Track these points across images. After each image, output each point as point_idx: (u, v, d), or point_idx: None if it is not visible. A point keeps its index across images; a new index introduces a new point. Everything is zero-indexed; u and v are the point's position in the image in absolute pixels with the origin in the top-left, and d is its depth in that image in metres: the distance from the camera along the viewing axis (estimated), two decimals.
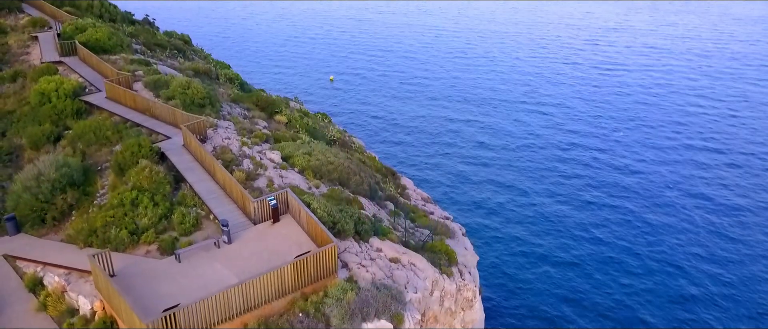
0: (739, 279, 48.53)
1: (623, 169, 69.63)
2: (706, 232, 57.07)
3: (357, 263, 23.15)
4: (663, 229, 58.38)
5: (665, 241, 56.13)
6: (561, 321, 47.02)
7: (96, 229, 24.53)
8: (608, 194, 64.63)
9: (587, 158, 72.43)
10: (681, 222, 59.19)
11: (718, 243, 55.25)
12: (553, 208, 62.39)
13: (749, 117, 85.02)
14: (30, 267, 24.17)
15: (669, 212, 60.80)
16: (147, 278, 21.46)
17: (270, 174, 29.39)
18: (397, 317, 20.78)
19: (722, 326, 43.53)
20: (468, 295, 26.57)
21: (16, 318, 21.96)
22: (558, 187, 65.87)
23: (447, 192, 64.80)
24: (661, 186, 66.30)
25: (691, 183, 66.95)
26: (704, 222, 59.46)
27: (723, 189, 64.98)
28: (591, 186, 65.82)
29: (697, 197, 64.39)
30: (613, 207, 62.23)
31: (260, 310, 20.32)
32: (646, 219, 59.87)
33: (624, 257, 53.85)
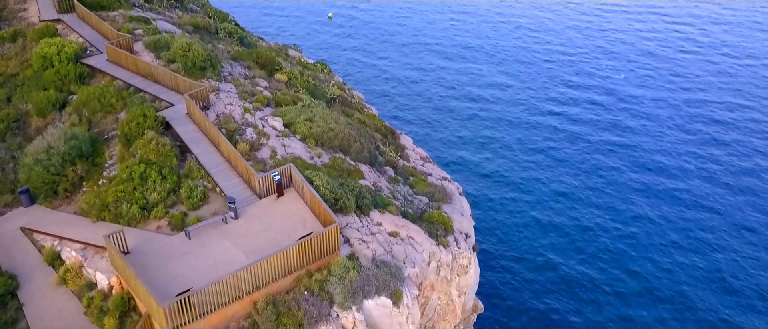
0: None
1: (619, 125, 70.04)
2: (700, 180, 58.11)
3: (358, 239, 24.36)
4: (666, 191, 59.52)
5: (666, 199, 57.41)
6: (549, 266, 49.03)
7: (108, 204, 25.57)
8: (607, 151, 65.33)
9: (587, 114, 72.57)
10: (677, 177, 60.31)
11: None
12: (548, 155, 63.36)
13: None
14: (47, 240, 25.41)
15: (669, 164, 61.85)
16: (160, 257, 22.69)
17: (273, 143, 30.15)
18: (396, 294, 22.18)
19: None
20: (463, 262, 27.98)
21: (37, 293, 23.39)
22: (556, 137, 66.57)
23: (446, 146, 65.58)
24: (658, 150, 66.93)
25: (691, 139, 67.53)
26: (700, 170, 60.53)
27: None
28: (591, 140, 66.48)
29: (695, 156, 65.10)
30: (612, 168, 63.04)
31: (268, 289, 21.67)
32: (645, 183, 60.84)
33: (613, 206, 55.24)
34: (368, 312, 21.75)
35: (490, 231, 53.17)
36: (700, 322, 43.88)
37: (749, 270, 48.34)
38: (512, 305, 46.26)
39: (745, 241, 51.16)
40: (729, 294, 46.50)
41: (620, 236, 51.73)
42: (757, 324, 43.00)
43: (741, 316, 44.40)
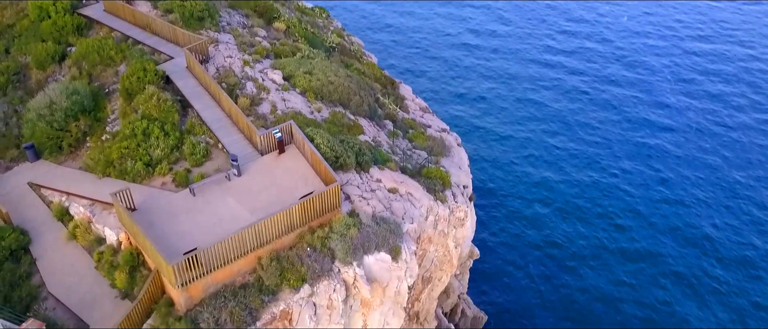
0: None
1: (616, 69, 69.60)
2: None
3: (358, 195, 25.02)
4: (662, 145, 59.72)
5: (661, 154, 57.83)
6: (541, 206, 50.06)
7: (112, 161, 26.08)
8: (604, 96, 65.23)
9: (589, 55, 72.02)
10: (673, 129, 60.51)
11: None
12: (544, 102, 63.46)
13: None
14: (55, 196, 26.05)
15: (666, 117, 61.98)
16: (165, 214, 23.37)
17: (273, 98, 30.37)
18: (395, 249, 23.04)
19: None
20: (460, 215, 28.80)
21: (49, 248, 24.23)
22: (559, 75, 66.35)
23: (444, 88, 65.42)
24: (661, 89, 66.72)
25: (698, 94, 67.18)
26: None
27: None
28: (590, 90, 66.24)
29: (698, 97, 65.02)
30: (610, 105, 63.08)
31: (271, 245, 22.48)
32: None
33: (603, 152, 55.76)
34: (368, 267, 22.67)
35: (486, 179, 54.01)
36: (673, 275, 45.41)
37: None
38: (506, 251, 47.64)
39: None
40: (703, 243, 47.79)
41: (612, 190, 52.59)
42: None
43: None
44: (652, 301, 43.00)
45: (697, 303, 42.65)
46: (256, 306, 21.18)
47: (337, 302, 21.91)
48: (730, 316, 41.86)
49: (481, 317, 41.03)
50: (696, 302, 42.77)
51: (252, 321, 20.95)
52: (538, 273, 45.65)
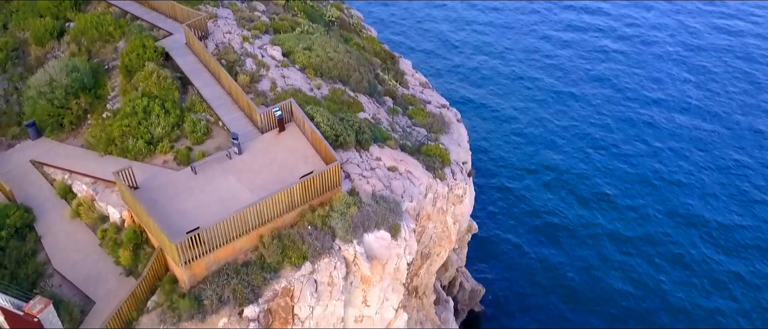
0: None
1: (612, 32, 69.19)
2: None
3: (358, 174, 25.27)
4: (660, 113, 59.75)
5: (662, 122, 57.84)
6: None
7: (114, 139, 26.24)
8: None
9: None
10: (671, 96, 60.42)
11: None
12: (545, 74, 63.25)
13: None
14: (58, 173, 26.29)
15: (664, 85, 61.81)
16: (168, 192, 23.65)
17: (272, 74, 30.38)
18: (395, 227, 23.40)
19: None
20: (459, 192, 29.09)
21: (53, 225, 24.56)
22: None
23: (445, 65, 65.11)
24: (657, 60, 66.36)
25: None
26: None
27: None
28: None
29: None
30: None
31: (273, 223, 22.81)
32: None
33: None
34: (368, 245, 23.05)
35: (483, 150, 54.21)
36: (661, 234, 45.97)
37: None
38: (504, 225, 48.15)
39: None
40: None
41: (608, 165, 52.84)
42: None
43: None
44: (645, 279, 43.61)
45: (684, 278, 43.18)
46: (258, 284, 21.61)
47: (338, 279, 22.34)
48: (721, 294, 42.51)
49: (479, 290, 41.72)
50: (683, 275, 43.31)
51: (254, 298, 21.40)
52: (534, 247, 46.23)
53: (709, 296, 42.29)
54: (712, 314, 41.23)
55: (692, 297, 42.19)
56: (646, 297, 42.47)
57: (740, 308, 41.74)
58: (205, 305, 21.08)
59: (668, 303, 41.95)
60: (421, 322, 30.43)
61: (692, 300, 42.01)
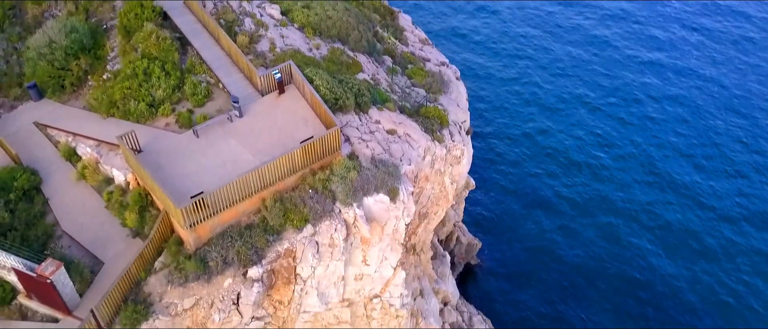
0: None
1: None
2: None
3: (358, 137, 25.67)
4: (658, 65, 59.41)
5: (658, 76, 57.65)
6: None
7: (116, 101, 26.48)
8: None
9: None
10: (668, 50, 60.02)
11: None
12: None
13: None
14: (61, 136, 26.64)
15: (661, 38, 61.32)
16: (171, 155, 24.09)
17: (271, 34, 30.33)
18: (393, 191, 23.98)
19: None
20: (457, 154, 29.57)
21: (60, 187, 25.10)
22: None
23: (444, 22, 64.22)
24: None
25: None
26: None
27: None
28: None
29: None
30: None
31: (274, 187, 23.37)
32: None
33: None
34: (368, 208, 23.69)
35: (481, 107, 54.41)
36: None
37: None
38: (501, 181, 48.85)
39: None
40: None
41: (604, 128, 53.14)
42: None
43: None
44: (633, 242, 44.68)
45: (670, 253, 44.05)
46: (262, 246, 22.36)
47: (339, 241, 23.08)
48: (720, 263, 43.34)
49: (476, 244, 42.83)
50: (671, 251, 44.19)
51: (258, 259, 22.19)
52: (530, 205, 47.13)
53: (709, 264, 43.17)
54: (712, 284, 42.21)
55: (685, 264, 43.20)
56: (633, 259, 43.68)
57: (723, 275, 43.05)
58: (210, 266, 21.88)
59: (654, 266, 43.11)
60: (419, 277, 31.46)
61: (686, 266, 43.06)
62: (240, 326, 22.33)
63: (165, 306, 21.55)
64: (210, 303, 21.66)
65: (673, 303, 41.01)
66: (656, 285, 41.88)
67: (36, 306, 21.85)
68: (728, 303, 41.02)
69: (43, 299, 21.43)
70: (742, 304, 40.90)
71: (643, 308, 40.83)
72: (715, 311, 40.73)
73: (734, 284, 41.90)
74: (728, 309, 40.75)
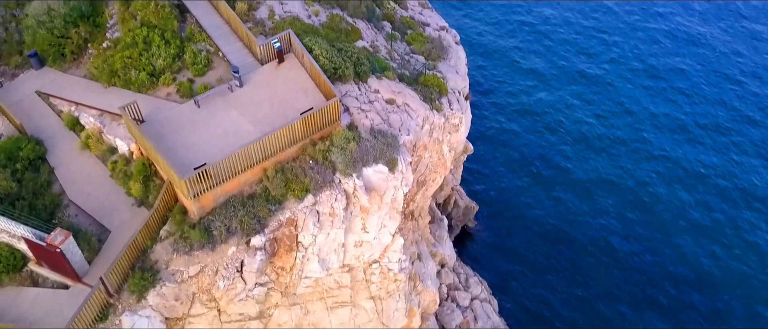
0: None
1: None
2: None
3: (357, 107, 25.99)
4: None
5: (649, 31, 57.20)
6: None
7: (116, 70, 26.65)
8: None
9: None
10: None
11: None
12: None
13: None
14: (64, 105, 26.93)
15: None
16: (173, 126, 24.45)
17: (270, 1, 30.24)
18: (392, 161, 24.46)
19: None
20: (455, 122, 29.94)
21: (65, 157, 25.54)
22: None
23: None
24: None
25: None
26: None
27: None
28: None
29: None
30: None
31: (275, 157, 23.85)
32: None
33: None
34: (367, 178, 24.22)
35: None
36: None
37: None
38: (498, 143, 49.30)
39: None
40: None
41: (601, 80, 53.24)
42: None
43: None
44: (639, 193, 45.50)
45: (665, 224, 44.66)
46: (264, 215, 22.99)
47: (339, 210, 23.70)
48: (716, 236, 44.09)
49: (473, 207, 43.60)
50: (665, 223, 44.82)
51: (260, 228, 22.86)
52: (529, 167, 47.72)
53: (700, 236, 43.99)
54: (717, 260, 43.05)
55: (680, 237, 43.97)
56: (626, 221, 44.52)
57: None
58: (214, 235, 22.56)
59: (648, 238, 43.95)
60: (417, 242, 32.28)
61: (681, 238, 43.85)
62: (244, 292, 23.17)
63: (171, 273, 22.33)
64: (215, 270, 22.43)
65: (668, 272, 42.05)
66: (651, 255, 42.81)
67: (46, 272, 22.62)
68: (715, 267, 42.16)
69: (53, 267, 22.18)
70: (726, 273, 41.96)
71: (639, 275, 41.93)
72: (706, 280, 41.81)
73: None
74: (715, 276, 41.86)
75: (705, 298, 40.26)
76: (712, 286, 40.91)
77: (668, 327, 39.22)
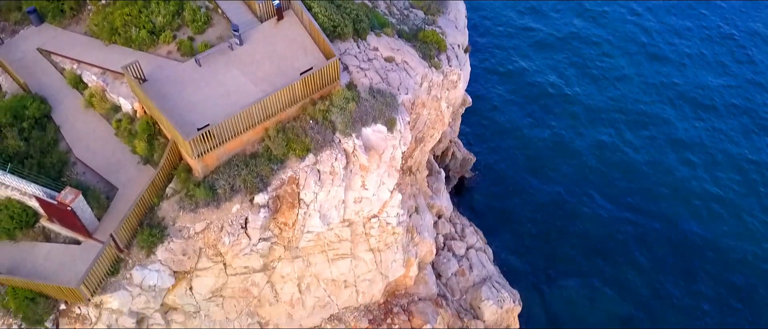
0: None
1: None
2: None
3: (356, 66, 26.28)
4: None
5: None
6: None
7: (117, 28, 26.75)
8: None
9: None
10: None
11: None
12: None
13: None
14: (66, 63, 27.16)
15: None
16: (175, 84, 24.82)
17: None
18: (391, 121, 24.98)
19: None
20: (453, 78, 30.27)
21: (70, 115, 26.00)
22: None
23: None
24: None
25: None
26: None
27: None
28: None
29: None
30: None
31: (277, 117, 24.35)
32: None
33: None
34: (366, 138, 24.80)
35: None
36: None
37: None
38: (496, 95, 49.56)
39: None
40: None
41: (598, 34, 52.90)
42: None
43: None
44: (633, 145, 46.22)
45: (667, 169, 45.40)
46: (266, 174, 23.70)
47: (339, 169, 24.40)
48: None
49: (471, 158, 44.32)
50: (669, 166, 45.52)
51: (263, 187, 23.62)
52: (525, 115, 48.16)
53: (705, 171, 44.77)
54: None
55: (677, 171, 44.90)
56: (623, 164, 45.37)
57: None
58: (218, 193, 23.34)
59: (649, 174, 44.90)
60: (415, 195, 33.15)
61: (677, 175, 44.80)
62: (248, 247, 24.17)
63: (178, 229, 23.24)
64: (220, 227, 23.34)
65: (664, 213, 43.25)
66: (652, 201, 43.86)
67: (58, 228, 23.52)
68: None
69: (65, 223, 23.06)
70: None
71: (636, 216, 43.14)
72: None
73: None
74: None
75: (680, 260, 41.52)
76: (688, 248, 42.16)
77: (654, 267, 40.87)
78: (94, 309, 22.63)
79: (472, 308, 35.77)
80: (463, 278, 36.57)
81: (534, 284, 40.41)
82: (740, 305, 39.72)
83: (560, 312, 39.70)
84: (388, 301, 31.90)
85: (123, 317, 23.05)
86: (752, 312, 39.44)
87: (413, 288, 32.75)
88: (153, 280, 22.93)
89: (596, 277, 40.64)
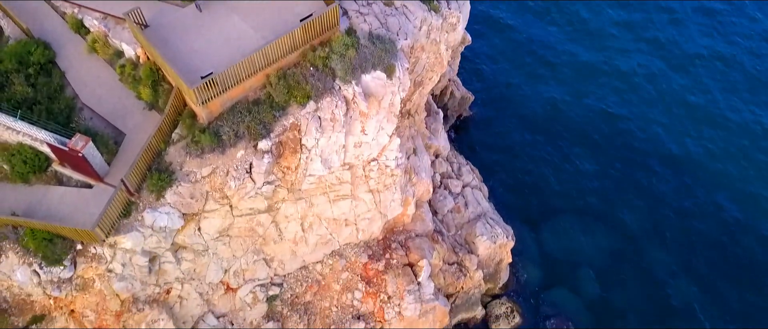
0: None
1: None
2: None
3: (355, 11, 26.41)
4: None
5: None
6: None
7: None
8: None
9: None
10: None
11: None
12: None
13: None
14: (67, 7, 27.23)
15: None
16: (176, 30, 25.01)
17: None
18: (390, 68, 25.41)
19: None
20: (452, 21, 30.38)
21: (74, 61, 26.36)
22: None
23: None
24: None
25: None
26: None
27: None
28: None
29: None
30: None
31: (277, 64, 24.77)
32: None
33: None
34: (365, 85, 25.32)
35: None
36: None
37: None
38: (495, 36, 49.33)
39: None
40: None
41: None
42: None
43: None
44: (628, 80, 46.61)
45: (663, 111, 45.96)
46: (269, 121, 24.42)
47: (339, 115, 25.06)
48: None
49: (469, 97, 44.82)
50: (666, 107, 46.08)
51: (266, 133, 24.39)
52: (527, 54, 48.24)
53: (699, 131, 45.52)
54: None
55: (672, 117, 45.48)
56: (614, 106, 45.92)
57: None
58: (223, 139, 24.14)
59: (648, 117, 45.49)
60: (413, 137, 33.95)
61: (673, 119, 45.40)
62: (253, 190, 25.21)
63: (185, 174, 24.20)
64: (225, 171, 24.29)
65: (651, 154, 44.26)
66: (650, 143, 44.71)
67: (70, 172, 24.46)
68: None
69: (76, 168, 23.97)
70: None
71: (628, 153, 44.21)
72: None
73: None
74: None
75: (674, 198, 42.89)
76: (682, 164, 43.38)
77: (645, 204, 42.32)
78: (108, 249, 23.91)
79: (467, 243, 37.33)
80: (458, 215, 37.93)
81: (528, 220, 41.88)
82: (729, 239, 41.33)
83: (552, 246, 41.39)
84: (387, 237, 33.34)
85: (136, 256, 24.38)
86: (745, 241, 41.02)
87: (411, 225, 34.11)
88: (163, 222, 24.08)
89: (589, 214, 42.07)
